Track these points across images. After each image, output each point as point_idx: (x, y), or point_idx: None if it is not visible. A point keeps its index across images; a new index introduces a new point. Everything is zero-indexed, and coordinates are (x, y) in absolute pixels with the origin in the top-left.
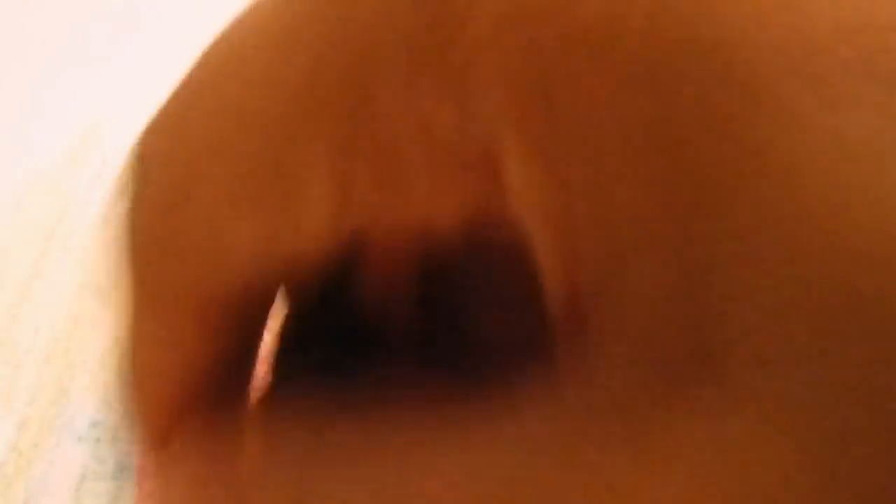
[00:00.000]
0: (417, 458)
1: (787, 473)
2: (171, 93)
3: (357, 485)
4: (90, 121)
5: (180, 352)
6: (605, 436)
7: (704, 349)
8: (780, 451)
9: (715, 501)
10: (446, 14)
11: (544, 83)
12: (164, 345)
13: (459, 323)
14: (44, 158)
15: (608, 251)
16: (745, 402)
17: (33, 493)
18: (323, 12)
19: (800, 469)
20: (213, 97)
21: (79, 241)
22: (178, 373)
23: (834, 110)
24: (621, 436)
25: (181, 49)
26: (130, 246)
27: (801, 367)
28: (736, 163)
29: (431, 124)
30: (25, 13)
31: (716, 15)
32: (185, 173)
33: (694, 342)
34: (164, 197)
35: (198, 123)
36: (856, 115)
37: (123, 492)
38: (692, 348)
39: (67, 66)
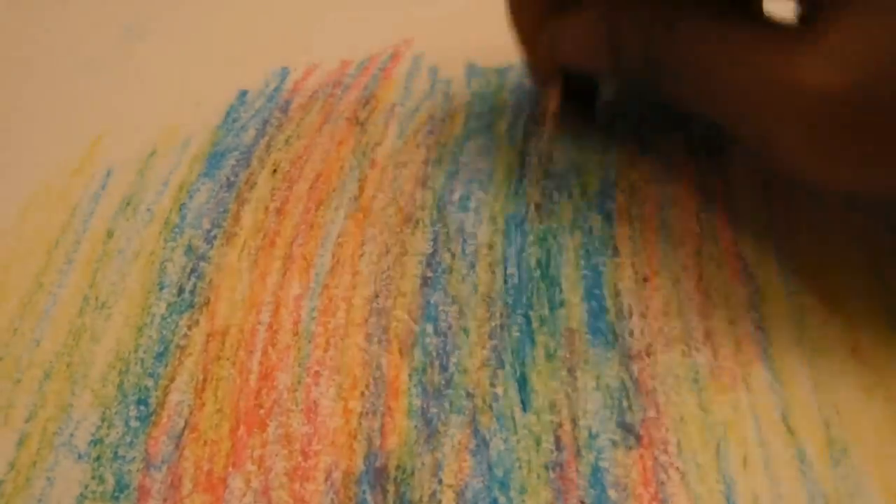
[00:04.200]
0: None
1: None
2: None
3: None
4: (93, 133)
5: None
6: None
7: None
8: None
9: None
10: None
11: None
12: None
13: None
14: (46, 170)
15: None
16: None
17: None
18: None
19: None
20: None
21: (81, 254)
22: None
23: None
24: None
25: (185, 62)
26: None
27: None
28: None
29: None
30: (28, 25)
31: None
32: None
33: None
34: None
35: None
36: None
37: None
38: None
39: (71, 78)
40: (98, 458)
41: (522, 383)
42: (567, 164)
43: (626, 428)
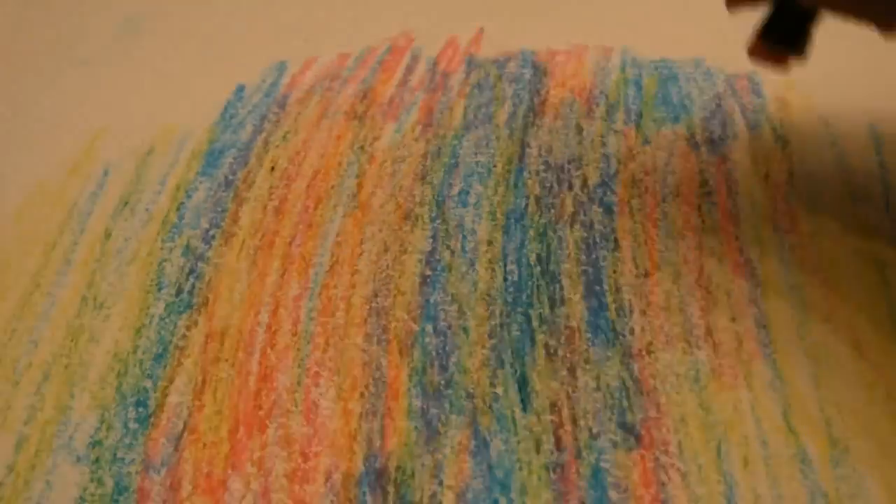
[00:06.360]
0: None
1: None
2: None
3: None
4: (90, 130)
5: None
6: None
7: None
8: None
9: None
10: None
11: None
12: None
13: None
14: (43, 169)
15: None
16: None
17: None
18: None
19: None
20: None
21: (79, 255)
22: None
23: None
24: None
25: (182, 57)
26: None
27: None
28: None
29: None
30: (24, 23)
31: None
32: None
33: None
34: None
35: None
36: None
37: None
38: None
39: (68, 77)
40: (97, 461)
41: (522, 383)
42: (567, 155)
43: (627, 428)
